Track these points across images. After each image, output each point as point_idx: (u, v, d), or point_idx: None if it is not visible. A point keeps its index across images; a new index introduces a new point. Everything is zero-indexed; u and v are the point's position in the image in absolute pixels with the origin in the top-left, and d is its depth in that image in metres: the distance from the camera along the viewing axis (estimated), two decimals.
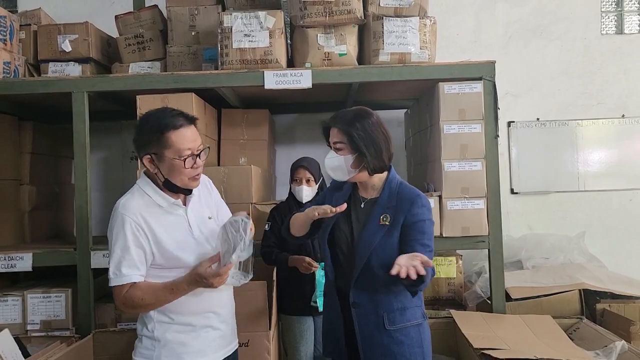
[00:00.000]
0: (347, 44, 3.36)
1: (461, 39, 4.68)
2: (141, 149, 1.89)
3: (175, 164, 1.84)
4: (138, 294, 1.82)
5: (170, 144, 1.83)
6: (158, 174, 1.88)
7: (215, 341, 1.96)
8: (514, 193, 4.68)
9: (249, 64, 3.32)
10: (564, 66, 4.69)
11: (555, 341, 2.75)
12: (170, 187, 1.90)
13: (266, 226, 3.04)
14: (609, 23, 4.79)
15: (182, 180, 1.88)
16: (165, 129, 1.83)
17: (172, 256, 1.87)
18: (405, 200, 2.00)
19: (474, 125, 3.27)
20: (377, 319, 1.98)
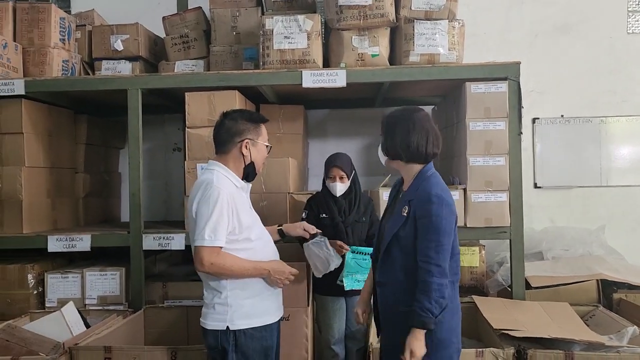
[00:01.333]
0: (379, 46, 3.59)
1: (489, 37, 4.84)
2: (237, 135, 2.37)
3: (263, 149, 2.43)
4: (228, 261, 2.24)
5: (262, 133, 2.43)
6: (247, 157, 2.37)
7: (274, 303, 2.42)
8: (538, 187, 4.85)
9: (288, 64, 3.57)
10: (590, 64, 4.82)
11: (571, 325, 2.95)
12: (248, 169, 2.39)
13: (303, 214, 3.30)
14: (635, 22, 4.89)
15: (261, 163, 2.45)
16: (260, 121, 2.45)
17: (247, 228, 2.31)
18: (421, 196, 2.16)
19: (498, 122, 3.47)
20: (395, 299, 2.20)
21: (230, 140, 2.38)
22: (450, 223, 2.14)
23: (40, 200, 3.86)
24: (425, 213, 2.12)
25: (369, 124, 4.82)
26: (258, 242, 2.39)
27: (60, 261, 3.92)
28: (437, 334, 2.12)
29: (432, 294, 2.05)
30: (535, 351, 2.57)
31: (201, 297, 3.02)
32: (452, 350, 2.21)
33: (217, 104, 3.55)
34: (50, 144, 3.96)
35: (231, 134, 2.38)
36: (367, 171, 4.71)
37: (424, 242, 2.10)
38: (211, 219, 2.19)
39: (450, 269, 2.14)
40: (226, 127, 2.39)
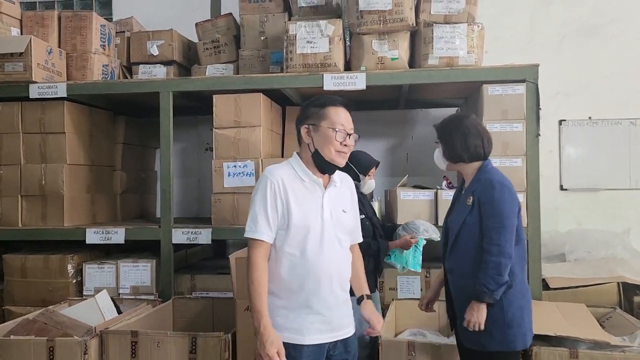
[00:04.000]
0: (399, 49, 3.69)
1: (515, 39, 4.85)
2: (301, 122, 2.19)
3: (328, 134, 2.10)
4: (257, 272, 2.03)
5: (327, 116, 2.13)
6: (310, 144, 2.14)
7: (314, 324, 2.10)
8: (564, 189, 4.82)
9: (310, 68, 3.72)
10: (618, 66, 4.76)
11: (584, 325, 2.97)
12: (316, 160, 2.13)
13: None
14: None
15: (330, 151, 2.10)
16: (326, 104, 2.17)
17: (296, 225, 2.07)
18: (484, 184, 2.47)
19: (515, 124, 3.51)
20: (465, 283, 2.45)
21: (297, 129, 2.21)
22: (513, 207, 2.41)
23: (81, 195, 4.15)
24: (489, 198, 2.40)
25: (393, 125, 4.92)
26: (308, 255, 2.08)
27: (98, 253, 4.19)
28: (508, 313, 2.39)
29: (489, 271, 2.33)
30: (540, 348, 2.62)
31: (227, 289, 3.20)
32: (524, 329, 2.45)
33: (242, 106, 3.75)
34: (91, 143, 4.25)
35: (297, 122, 2.22)
36: (390, 172, 4.81)
37: (488, 225, 2.38)
38: (252, 210, 2.09)
39: (518, 253, 2.43)
40: (300, 112, 2.24)
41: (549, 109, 4.63)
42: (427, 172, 4.57)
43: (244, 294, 2.81)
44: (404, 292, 3.83)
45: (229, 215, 3.76)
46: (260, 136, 3.75)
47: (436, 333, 3.46)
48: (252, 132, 3.75)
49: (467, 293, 2.43)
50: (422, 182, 4.00)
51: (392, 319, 3.48)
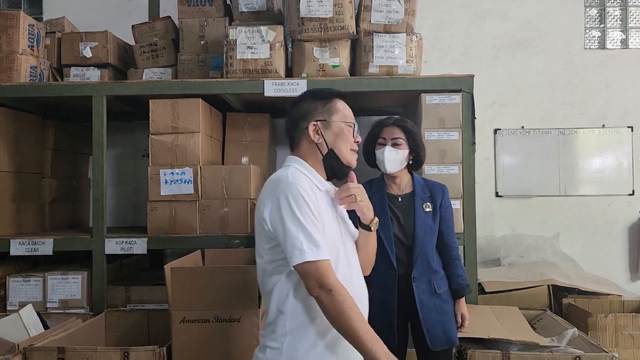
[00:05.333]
0: (340, 57, 3.71)
1: (453, 51, 5.00)
2: (304, 119, 1.82)
3: (343, 129, 1.79)
4: (349, 301, 1.59)
5: (337, 109, 1.84)
6: (322, 144, 1.78)
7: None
8: (499, 196, 4.99)
9: (251, 73, 3.68)
10: (548, 78, 5.00)
11: (516, 327, 3.06)
12: (330, 161, 1.78)
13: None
14: (591, 38, 5.09)
15: (345, 149, 1.79)
16: (331, 95, 1.86)
17: (329, 247, 1.67)
18: (437, 190, 2.82)
19: (452, 132, 3.60)
20: (430, 287, 2.69)
21: (296, 129, 1.84)
22: None
23: (4, 204, 3.89)
24: (448, 202, 2.85)
25: None
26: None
27: (25, 265, 3.95)
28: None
29: (461, 266, 2.87)
30: (474, 351, 2.67)
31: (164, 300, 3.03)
32: None
33: (180, 112, 3.65)
34: (16, 148, 4.00)
35: (295, 121, 1.85)
36: None
37: (450, 226, 2.83)
38: (298, 226, 1.61)
39: None
40: (290, 115, 1.88)
41: (485, 118, 4.80)
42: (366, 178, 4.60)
43: (180, 304, 2.74)
44: None
45: (165, 224, 3.64)
46: (199, 142, 3.65)
47: None
48: (191, 138, 3.65)
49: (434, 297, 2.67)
50: None
51: None
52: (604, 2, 5.10)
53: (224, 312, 2.73)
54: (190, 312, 2.73)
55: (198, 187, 3.62)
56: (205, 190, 3.64)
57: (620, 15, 5.12)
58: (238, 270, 2.84)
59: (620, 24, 5.12)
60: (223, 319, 2.72)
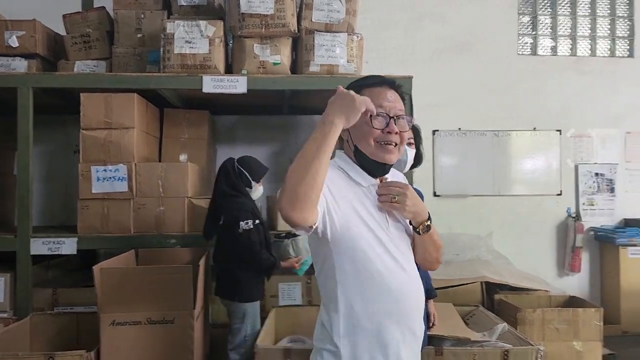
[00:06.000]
0: (281, 55, 3.68)
1: (393, 52, 5.08)
2: None
3: (362, 122, 1.55)
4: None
5: None
6: (349, 141, 1.62)
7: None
8: (437, 196, 5.12)
9: (189, 69, 3.58)
10: (484, 81, 5.17)
11: (450, 323, 3.15)
12: (359, 158, 1.61)
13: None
14: (524, 44, 5.31)
15: (369, 144, 1.57)
16: (361, 86, 1.64)
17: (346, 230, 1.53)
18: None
19: None
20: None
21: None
22: None
23: None
24: None
25: (276, 130, 4.91)
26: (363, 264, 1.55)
27: None
28: None
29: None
30: None
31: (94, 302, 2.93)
32: None
33: (114, 106, 3.51)
34: None
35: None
36: (274, 178, 4.77)
37: None
38: None
39: None
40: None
41: (424, 119, 4.86)
42: None
43: (110, 306, 2.64)
44: (285, 299, 3.80)
45: (97, 223, 3.49)
46: (134, 138, 3.53)
47: None
48: (125, 134, 3.52)
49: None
50: None
51: (272, 327, 3.44)
52: (536, 10, 5.34)
53: (157, 313, 2.65)
54: (121, 314, 2.63)
55: (132, 185, 3.50)
56: (140, 188, 3.52)
57: (551, 23, 5.37)
58: (172, 270, 2.77)
59: (551, 31, 5.37)
60: (156, 320, 2.65)
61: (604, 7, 5.42)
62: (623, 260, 4.91)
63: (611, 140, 5.31)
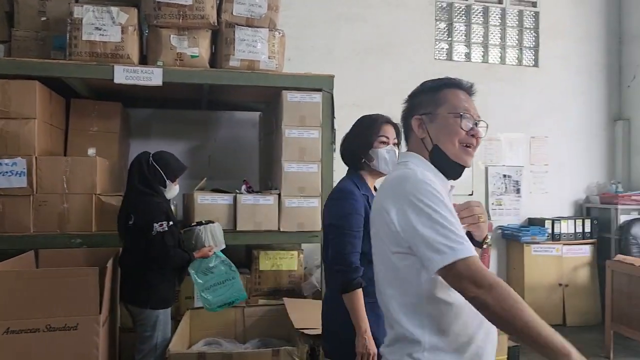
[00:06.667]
0: (199, 47, 3.54)
1: (314, 51, 5.07)
2: (411, 112, 1.63)
3: (448, 122, 1.53)
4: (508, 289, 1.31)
5: (445, 100, 1.57)
6: (426, 139, 1.56)
7: None
8: None
9: (99, 57, 3.36)
10: (402, 84, 5.20)
11: None
12: (438, 158, 1.54)
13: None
14: (440, 50, 5.51)
15: (453, 144, 1.53)
16: (441, 86, 1.61)
17: None
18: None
19: (312, 131, 3.63)
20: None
21: (406, 125, 1.64)
22: None
23: None
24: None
25: (194, 126, 4.75)
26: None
27: None
28: None
29: None
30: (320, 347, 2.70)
31: None
32: None
33: (12, 94, 3.22)
34: None
35: (404, 115, 1.66)
36: (191, 174, 4.59)
37: None
38: (436, 220, 1.36)
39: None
40: (403, 110, 1.69)
41: (343, 119, 4.91)
42: (228, 176, 4.51)
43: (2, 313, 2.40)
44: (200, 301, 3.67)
45: None
46: (34, 130, 3.25)
47: (232, 341, 3.37)
48: (25, 125, 3.23)
49: None
50: (222, 186, 3.90)
51: (186, 330, 3.30)
52: (451, 17, 5.54)
53: (57, 319, 2.45)
54: (16, 321, 2.40)
55: (33, 180, 3.23)
56: (42, 184, 3.26)
57: (465, 30, 5.60)
58: (76, 272, 2.57)
59: (465, 38, 5.60)
60: (56, 327, 2.44)
61: (513, 18, 5.74)
62: (527, 257, 5.22)
63: (518, 144, 5.63)
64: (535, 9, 5.74)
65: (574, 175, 5.79)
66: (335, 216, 2.14)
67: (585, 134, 5.85)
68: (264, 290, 4.07)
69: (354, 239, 2.08)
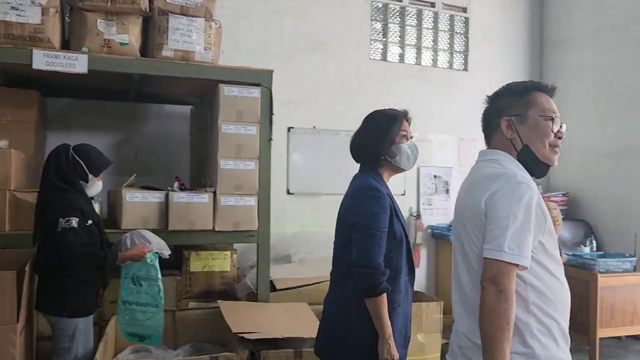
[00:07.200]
0: (129, 34, 3.31)
1: (251, 45, 4.93)
2: (498, 114, 1.72)
3: (540, 124, 1.67)
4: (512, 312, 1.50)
5: (534, 103, 1.69)
6: (515, 139, 1.68)
7: None
8: (290, 193, 5.09)
9: (16, 40, 3.06)
10: (339, 82, 5.27)
11: (306, 323, 3.10)
12: (527, 158, 1.67)
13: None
14: (375, 49, 5.54)
15: (544, 145, 1.67)
16: (531, 88, 1.71)
17: (548, 256, 1.62)
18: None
19: (250, 127, 3.50)
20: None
21: (490, 124, 1.76)
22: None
23: None
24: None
25: (121, 118, 4.47)
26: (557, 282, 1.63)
27: None
28: None
29: None
30: (267, 352, 2.61)
31: None
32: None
33: None
34: None
35: (490, 116, 1.77)
36: (116, 170, 4.31)
37: None
38: (515, 225, 1.52)
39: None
40: (486, 111, 1.80)
41: (280, 115, 4.80)
42: (157, 172, 4.28)
43: None
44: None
45: None
46: None
47: (162, 348, 3.18)
48: None
49: None
50: (150, 183, 3.68)
51: (112, 337, 3.07)
52: (386, 18, 5.59)
53: None
54: None
55: None
56: None
57: (399, 32, 5.67)
58: None
59: (399, 40, 5.67)
60: None
61: (445, 22, 5.89)
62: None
63: (448, 146, 5.78)
64: (465, 15, 5.92)
65: None
66: (363, 215, 2.07)
67: None
68: (195, 293, 3.90)
69: (380, 239, 2.03)
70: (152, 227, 3.26)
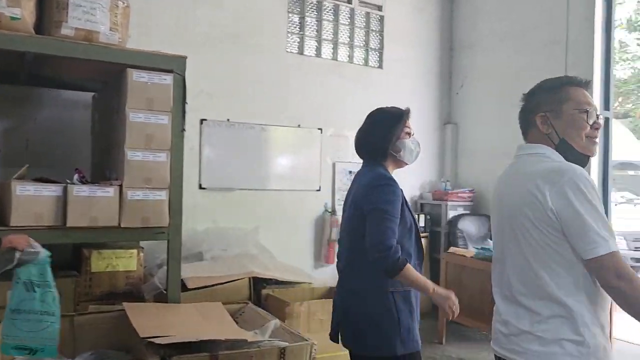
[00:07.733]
0: (22, 8, 2.94)
1: (162, 30, 4.65)
2: (533, 111, 1.81)
3: (575, 118, 1.75)
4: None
5: (568, 97, 1.77)
6: (552, 134, 1.77)
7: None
8: (202, 188, 4.87)
9: None
10: (255, 74, 5.12)
11: (222, 324, 2.95)
12: (565, 150, 1.75)
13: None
14: (292, 42, 5.45)
15: (581, 138, 1.75)
16: (565, 83, 1.80)
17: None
18: None
19: (161, 116, 3.26)
20: None
21: (526, 121, 1.85)
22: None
23: None
24: None
25: (10, 104, 4.03)
26: None
27: None
28: None
29: None
30: (180, 357, 2.43)
31: None
32: None
33: None
34: None
35: (526, 114, 1.85)
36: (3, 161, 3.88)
37: None
38: (600, 215, 1.59)
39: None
40: (522, 109, 1.87)
41: (193, 106, 4.54)
42: (54, 163, 3.90)
43: None
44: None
45: None
46: None
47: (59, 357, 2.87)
48: None
49: None
50: (47, 175, 3.32)
51: None
52: (303, 11, 5.52)
53: None
54: None
55: None
56: None
57: (316, 26, 5.62)
58: None
59: (316, 34, 5.62)
60: None
61: (361, 19, 5.92)
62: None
63: None
64: (380, 13, 6.00)
65: (410, 173, 6.16)
66: (382, 201, 2.18)
67: (421, 136, 6.13)
68: (96, 295, 3.64)
69: (394, 225, 2.15)
70: (47, 223, 2.94)
